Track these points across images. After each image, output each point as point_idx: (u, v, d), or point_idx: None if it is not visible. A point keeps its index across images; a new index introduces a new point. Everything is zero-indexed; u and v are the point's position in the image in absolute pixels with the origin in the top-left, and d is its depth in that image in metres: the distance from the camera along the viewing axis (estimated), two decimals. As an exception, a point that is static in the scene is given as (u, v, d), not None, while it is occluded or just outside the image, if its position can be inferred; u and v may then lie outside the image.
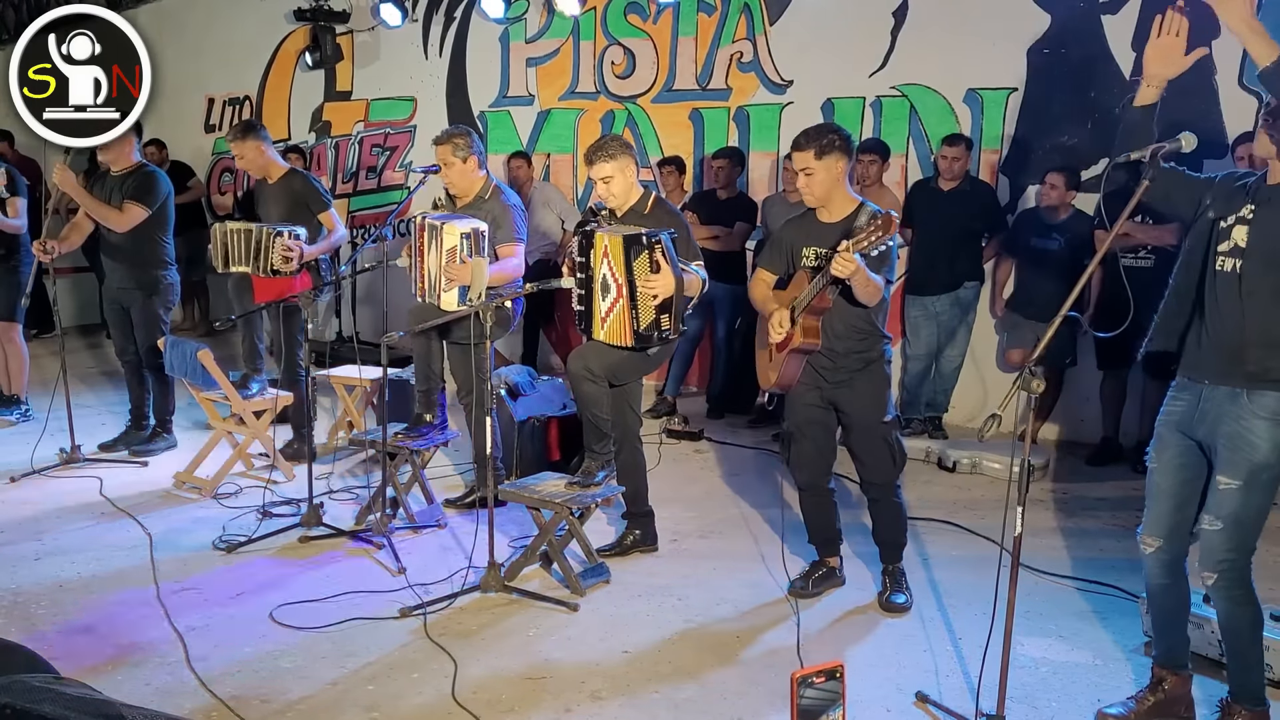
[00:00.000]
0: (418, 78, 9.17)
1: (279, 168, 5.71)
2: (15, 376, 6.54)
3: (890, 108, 6.92)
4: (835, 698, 2.36)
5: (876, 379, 3.88)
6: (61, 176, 5.44)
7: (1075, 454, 6.20)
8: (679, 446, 6.35)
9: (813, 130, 3.82)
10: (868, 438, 3.93)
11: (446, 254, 4.47)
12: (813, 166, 3.74)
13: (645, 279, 3.98)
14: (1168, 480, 3.08)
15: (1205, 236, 2.99)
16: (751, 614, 3.95)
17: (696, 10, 7.68)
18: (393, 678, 3.41)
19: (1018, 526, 2.84)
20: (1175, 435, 3.07)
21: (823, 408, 3.94)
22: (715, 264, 6.30)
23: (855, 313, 3.76)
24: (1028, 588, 3.92)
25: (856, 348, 3.83)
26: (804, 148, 3.76)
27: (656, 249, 3.98)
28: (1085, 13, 6.25)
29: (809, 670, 2.37)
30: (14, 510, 4.97)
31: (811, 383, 3.89)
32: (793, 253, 3.91)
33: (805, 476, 4.07)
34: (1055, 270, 5.82)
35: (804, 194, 3.86)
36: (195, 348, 5.18)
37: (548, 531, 4.15)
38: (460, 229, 4.46)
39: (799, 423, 3.98)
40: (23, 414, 6.50)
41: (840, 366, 3.84)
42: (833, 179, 3.75)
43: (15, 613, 3.85)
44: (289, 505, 4.97)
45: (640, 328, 4.06)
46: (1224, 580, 2.96)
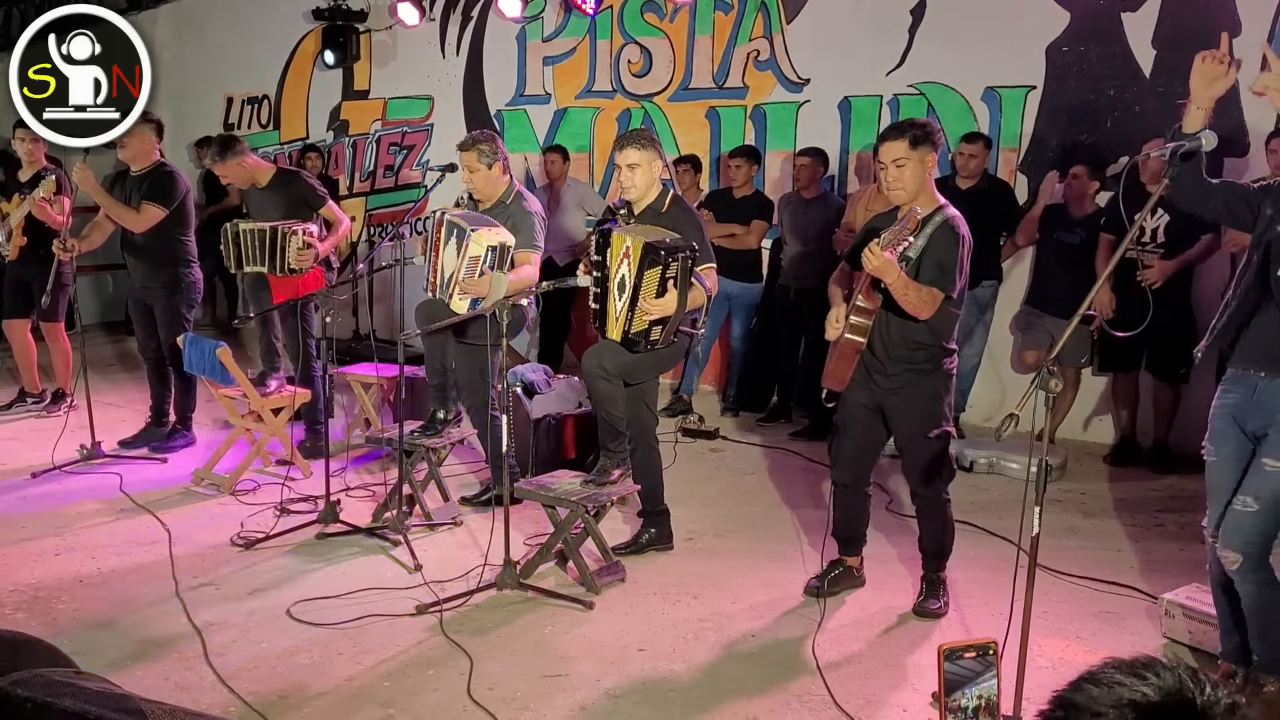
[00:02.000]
0: (435, 76, 9.19)
1: (266, 170, 5.69)
2: (60, 371, 6.69)
3: (908, 106, 6.88)
4: (983, 673, 2.33)
5: (929, 392, 3.77)
6: (82, 176, 5.48)
7: (1093, 454, 6.17)
8: (694, 445, 6.34)
9: (904, 122, 3.75)
10: (913, 448, 3.87)
11: (469, 261, 4.45)
12: (907, 156, 3.59)
13: (649, 298, 3.99)
14: (1229, 474, 3.09)
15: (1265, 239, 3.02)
16: (767, 613, 3.94)
17: (713, 9, 7.67)
18: (409, 674, 3.42)
19: (1035, 527, 2.83)
20: (1232, 429, 3.10)
21: (869, 409, 3.88)
22: (731, 263, 6.33)
23: (911, 320, 3.64)
24: (1045, 588, 3.89)
25: (908, 357, 3.72)
26: (897, 138, 3.63)
27: (671, 267, 3.97)
28: (1105, 10, 6.21)
29: (958, 644, 2.36)
30: (35, 506, 5.02)
31: (863, 383, 3.82)
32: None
33: (841, 473, 4.04)
34: (1076, 265, 5.79)
35: (893, 189, 3.68)
36: (214, 345, 5.21)
37: (564, 529, 4.16)
38: (488, 241, 4.44)
39: (844, 419, 3.94)
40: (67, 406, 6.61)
41: (891, 374, 3.76)
42: (925, 171, 3.64)
43: (36, 607, 3.88)
44: (306, 502, 5.00)
45: (631, 330, 4.08)
46: (1250, 563, 2.97)
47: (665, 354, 4.29)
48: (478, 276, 4.45)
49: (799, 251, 6.66)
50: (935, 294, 3.53)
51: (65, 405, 6.60)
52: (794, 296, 6.69)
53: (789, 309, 6.76)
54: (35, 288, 6.31)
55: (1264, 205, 3.03)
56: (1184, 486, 5.47)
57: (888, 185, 3.71)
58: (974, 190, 6.15)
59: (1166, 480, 5.65)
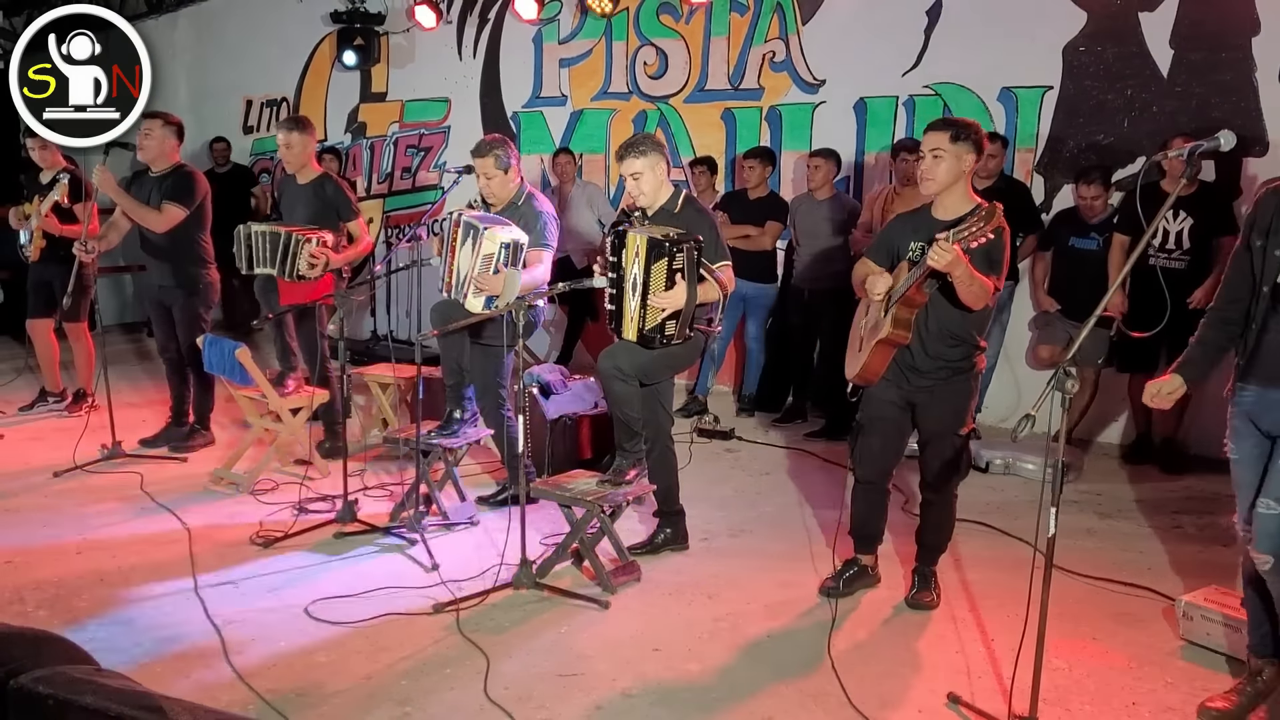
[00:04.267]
0: (452, 79, 9.23)
1: (312, 170, 5.76)
2: (82, 371, 6.78)
3: (923, 107, 6.87)
4: None
5: (961, 390, 3.78)
6: (102, 177, 5.53)
7: (1109, 455, 6.14)
8: (710, 445, 6.35)
9: (950, 118, 3.78)
10: (939, 445, 3.88)
11: (483, 259, 4.47)
12: (945, 150, 3.59)
13: (657, 291, 4.01)
14: (1251, 471, 3.12)
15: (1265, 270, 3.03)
16: (783, 613, 3.95)
17: (729, 10, 7.68)
18: (426, 673, 3.44)
19: (1051, 528, 2.82)
20: (1249, 426, 3.11)
21: (900, 407, 3.87)
22: (746, 264, 6.32)
23: (951, 316, 3.65)
24: (1061, 589, 3.88)
25: (946, 354, 3.72)
26: (941, 129, 3.64)
27: (677, 259, 3.98)
28: (1122, 9, 6.18)
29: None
30: (57, 504, 5.07)
31: (894, 380, 3.81)
32: (899, 247, 3.78)
33: (865, 471, 4.02)
34: (1093, 271, 5.77)
35: (925, 179, 3.67)
36: (233, 346, 5.25)
37: (579, 529, 4.17)
38: (501, 238, 4.46)
39: (872, 416, 3.92)
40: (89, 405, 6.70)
41: (925, 371, 3.75)
42: (960, 169, 3.63)
43: (58, 605, 3.92)
44: (324, 501, 5.03)
45: (645, 328, 4.09)
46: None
47: (680, 354, 4.30)
48: (491, 274, 4.47)
49: (813, 252, 6.66)
50: (989, 285, 3.54)
51: (87, 405, 6.67)
52: (808, 297, 6.69)
53: (804, 310, 6.77)
54: (57, 288, 6.38)
55: (1252, 238, 3.06)
56: (1201, 488, 5.45)
57: (921, 174, 3.72)
58: (990, 190, 6.12)
59: (1183, 481, 5.62)
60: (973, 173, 3.71)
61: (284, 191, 5.89)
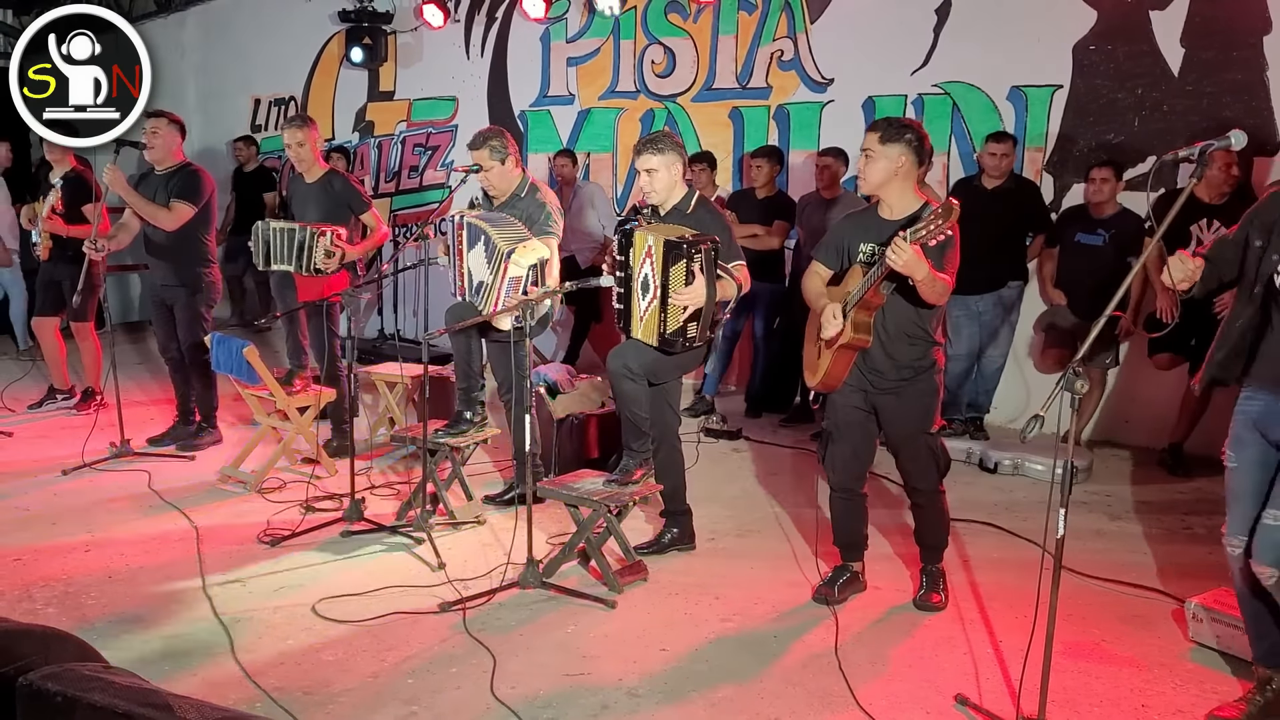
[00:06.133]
0: (459, 78, 9.24)
1: (319, 167, 5.77)
2: (90, 370, 6.79)
3: (932, 105, 6.85)
4: None
5: (926, 390, 3.79)
6: (112, 177, 5.54)
7: (1119, 456, 6.11)
8: (717, 445, 6.35)
9: (890, 119, 3.79)
10: (910, 447, 3.88)
11: (510, 282, 4.44)
12: (875, 150, 3.65)
13: (678, 290, 3.99)
14: (1249, 480, 3.07)
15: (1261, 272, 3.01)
16: (789, 613, 3.94)
17: (737, 9, 7.66)
18: (432, 672, 3.44)
19: (1060, 529, 2.81)
20: (1253, 434, 3.07)
21: (865, 411, 3.88)
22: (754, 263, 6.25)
23: (908, 315, 3.67)
24: (1070, 591, 3.88)
25: (907, 354, 3.73)
26: (872, 130, 3.70)
27: (696, 259, 3.97)
28: (1133, 8, 6.16)
29: None
30: (65, 502, 5.08)
31: (857, 385, 3.82)
32: (849, 248, 3.81)
33: (838, 478, 4.03)
34: (1100, 267, 5.74)
35: (860, 179, 3.81)
36: (241, 345, 5.26)
37: (586, 529, 4.17)
38: (527, 261, 4.43)
39: (838, 423, 3.94)
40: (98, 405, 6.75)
41: (887, 374, 3.76)
42: (891, 169, 3.64)
43: (66, 602, 3.93)
44: (331, 500, 5.04)
45: (667, 332, 4.07)
46: None
47: (688, 354, 4.29)
48: (521, 294, 4.44)
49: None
50: (949, 283, 3.56)
51: (95, 403, 6.69)
52: (816, 297, 6.68)
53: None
54: (66, 287, 6.40)
55: (1251, 235, 3.03)
56: (1211, 490, 5.41)
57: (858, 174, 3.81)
58: (1000, 190, 6.12)
59: (1194, 483, 5.59)
60: (923, 174, 3.72)
61: (293, 192, 5.92)
